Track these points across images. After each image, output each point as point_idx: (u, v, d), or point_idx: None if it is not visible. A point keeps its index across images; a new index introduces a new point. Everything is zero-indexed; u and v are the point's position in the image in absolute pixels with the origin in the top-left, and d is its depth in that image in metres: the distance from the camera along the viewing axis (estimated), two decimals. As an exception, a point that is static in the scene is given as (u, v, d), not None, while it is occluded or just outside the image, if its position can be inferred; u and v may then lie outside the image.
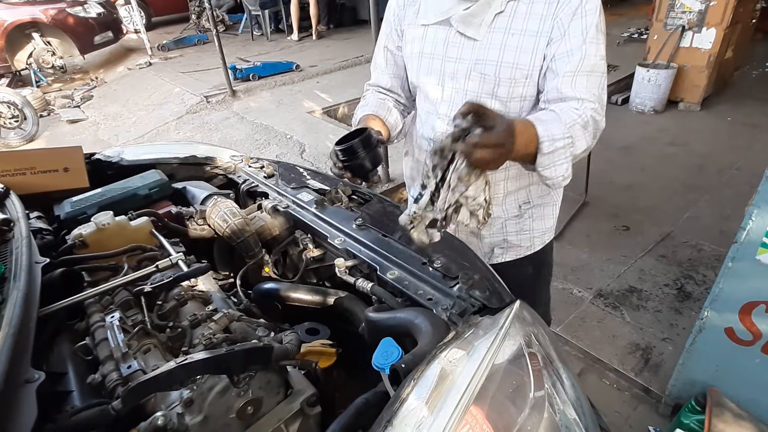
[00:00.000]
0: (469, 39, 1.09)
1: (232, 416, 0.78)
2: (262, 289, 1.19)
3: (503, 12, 1.05)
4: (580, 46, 1.01)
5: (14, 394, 0.60)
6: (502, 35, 1.06)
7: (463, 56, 1.11)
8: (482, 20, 1.06)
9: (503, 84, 1.09)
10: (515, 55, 1.05)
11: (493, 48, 1.07)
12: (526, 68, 1.06)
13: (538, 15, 1.03)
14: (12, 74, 6.77)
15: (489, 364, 0.61)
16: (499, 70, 1.07)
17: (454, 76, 1.14)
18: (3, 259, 0.90)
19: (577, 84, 1.02)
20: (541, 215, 1.31)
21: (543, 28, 1.03)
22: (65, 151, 1.53)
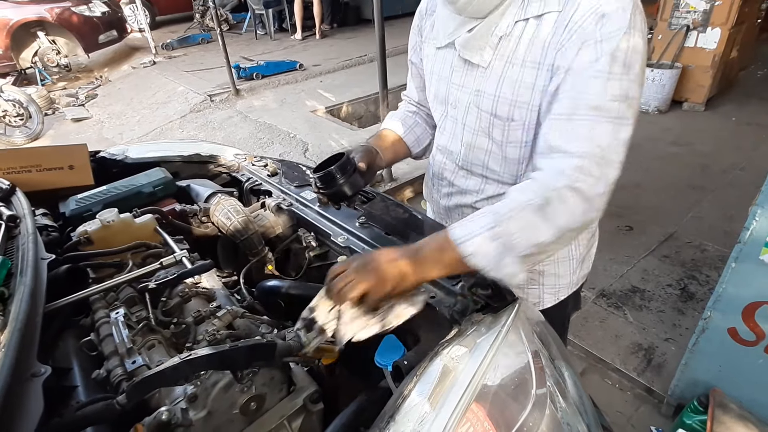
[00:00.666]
0: (474, 65, 0.92)
1: (235, 412, 0.79)
2: (266, 286, 1.19)
3: (509, 36, 0.85)
4: (584, 80, 0.76)
5: (21, 387, 0.61)
6: (503, 65, 0.87)
7: (466, 84, 0.95)
8: (486, 43, 0.87)
9: (498, 124, 0.92)
10: (514, 90, 0.86)
11: (492, 79, 0.89)
12: (525, 108, 0.86)
13: (541, 41, 0.80)
14: (17, 73, 6.80)
15: (491, 362, 0.62)
16: (495, 105, 0.90)
17: (456, 105, 1.00)
18: (10, 254, 0.90)
19: (570, 131, 0.77)
20: (554, 272, 1.10)
21: (545, 58, 0.80)
22: (70, 148, 1.54)
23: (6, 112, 4.95)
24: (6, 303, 0.77)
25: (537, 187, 0.78)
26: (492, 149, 0.97)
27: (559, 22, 0.77)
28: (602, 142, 0.75)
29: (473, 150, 1.00)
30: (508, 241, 0.76)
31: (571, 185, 0.75)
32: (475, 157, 1.01)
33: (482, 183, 1.05)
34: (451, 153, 1.07)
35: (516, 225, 0.76)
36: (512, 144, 0.93)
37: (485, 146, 0.98)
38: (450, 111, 1.03)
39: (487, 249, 0.77)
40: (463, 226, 0.80)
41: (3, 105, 4.89)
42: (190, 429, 0.74)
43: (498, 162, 0.98)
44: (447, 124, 1.06)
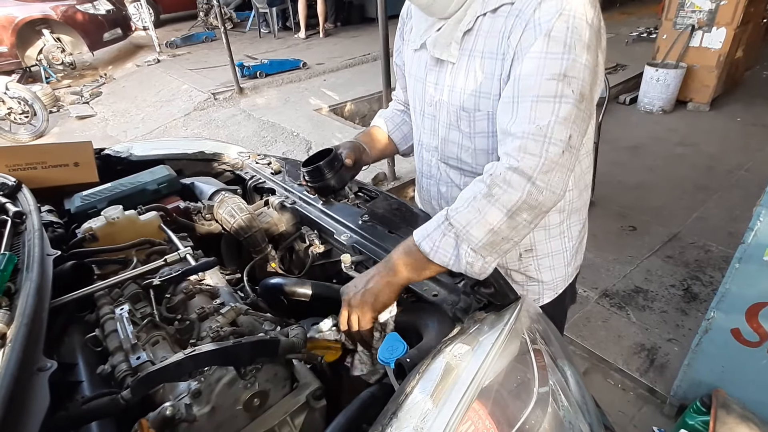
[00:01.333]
0: (444, 63, 0.97)
1: (239, 408, 0.79)
2: (269, 284, 1.20)
3: (471, 30, 0.90)
4: (524, 63, 0.80)
5: (28, 381, 0.62)
6: (467, 58, 0.91)
7: (439, 81, 1.00)
8: (452, 39, 0.92)
9: (464, 117, 0.96)
10: (477, 81, 0.90)
11: (459, 74, 0.94)
12: (489, 98, 0.90)
13: (497, 33, 0.85)
14: (22, 70, 6.83)
15: (493, 360, 0.62)
16: (463, 99, 0.94)
17: (431, 102, 1.04)
18: (16, 250, 0.91)
19: (514, 113, 0.80)
20: (549, 266, 1.12)
21: (500, 48, 0.85)
22: (75, 146, 1.55)
23: (11, 110, 4.97)
24: (12, 298, 0.78)
25: (485, 177, 0.82)
26: (463, 142, 1.01)
27: (511, 13, 0.82)
28: (542, 122, 0.77)
29: (447, 144, 1.05)
30: (462, 232, 0.79)
31: (512, 166, 0.78)
32: (450, 150, 1.05)
33: (462, 177, 1.08)
34: (433, 149, 1.11)
35: (466, 216, 0.79)
36: (480, 135, 0.97)
37: (457, 140, 1.02)
38: (427, 109, 1.07)
39: (444, 244, 0.81)
40: (423, 227, 0.86)
41: (8, 102, 4.92)
42: (193, 424, 0.75)
43: (470, 154, 1.02)
44: (425, 123, 1.10)
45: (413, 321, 0.88)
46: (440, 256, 0.82)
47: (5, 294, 0.78)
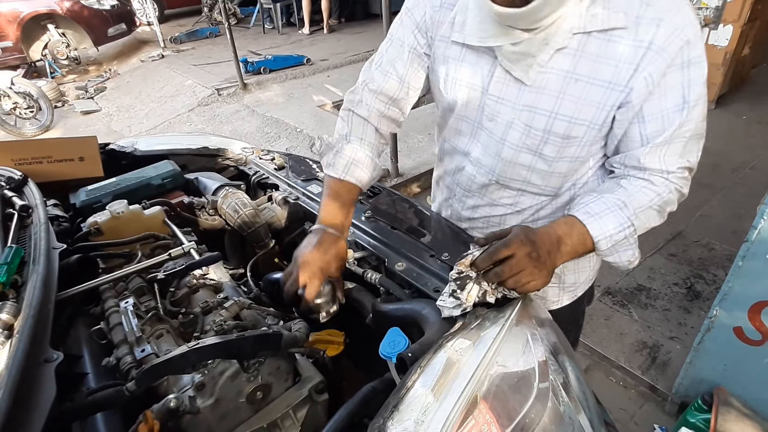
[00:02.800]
0: (517, 79, 0.86)
1: (242, 400, 0.80)
2: (272, 278, 1.20)
3: (566, 48, 0.79)
4: (679, 109, 0.78)
5: (35, 372, 0.63)
6: (562, 80, 0.81)
7: (508, 98, 0.88)
8: (535, 60, 0.81)
9: (553, 142, 0.88)
10: (576, 107, 0.82)
11: (547, 94, 0.84)
12: (585, 125, 0.84)
13: (614, 59, 0.77)
14: (27, 65, 6.86)
15: (495, 354, 0.62)
16: (551, 123, 0.85)
17: (493, 117, 0.92)
18: (22, 243, 0.92)
19: (668, 154, 0.83)
20: (574, 268, 1.10)
21: (619, 78, 0.78)
22: (81, 140, 1.56)
23: (17, 105, 5.00)
24: (20, 290, 0.79)
25: (656, 191, 0.86)
26: (536, 165, 0.93)
27: (637, 42, 0.75)
28: (693, 158, 0.85)
29: (513, 166, 0.95)
30: (634, 234, 0.85)
31: (677, 189, 0.87)
32: (515, 172, 0.96)
33: (517, 196, 1.02)
34: (484, 166, 1.00)
35: (640, 221, 0.85)
36: (564, 160, 0.91)
37: (528, 162, 0.93)
38: (485, 123, 0.95)
39: (622, 246, 0.85)
40: (600, 223, 0.83)
41: (14, 97, 4.94)
42: (197, 416, 0.76)
43: (541, 177, 0.95)
44: (480, 136, 0.98)
45: (415, 316, 0.88)
46: (607, 251, 0.85)
47: (12, 286, 0.79)
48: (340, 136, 1.05)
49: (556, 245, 0.82)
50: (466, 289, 0.78)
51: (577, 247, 0.84)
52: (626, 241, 0.85)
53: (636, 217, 0.84)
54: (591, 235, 0.83)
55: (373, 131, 1.05)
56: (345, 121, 1.06)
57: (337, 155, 1.02)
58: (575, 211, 0.86)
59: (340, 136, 1.05)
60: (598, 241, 0.83)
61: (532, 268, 0.77)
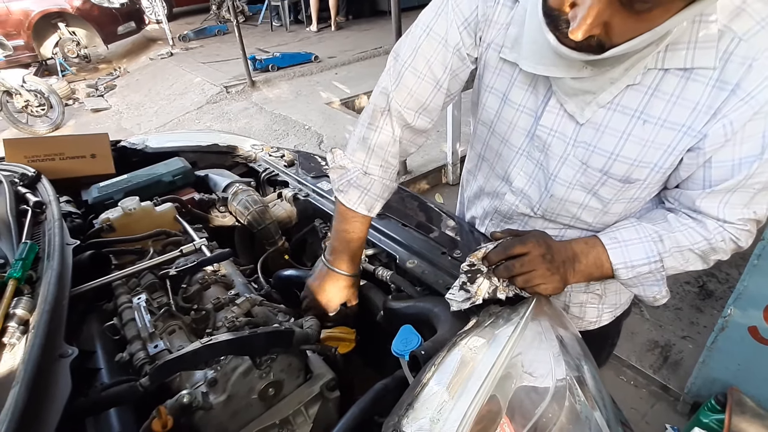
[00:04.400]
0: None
1: (254, 397, 0.80)
2: (282, 275, 1.21)
3: (637, 85, 0.69)
4: (753, 159, 0.68)
5: (50, 367, 0.63)
6: (628, 120, 0.71)
7: (562, 131, 0.78)
8: (594, 98, 0.72)
9: (611, 184, 0.78)
10: (641, 150, 0.72)
11: (609, 134, 0.74)
12: (649, 168, 0.74)
13: (692, 101, 0.67)
14: (39, 63, 6.94)
15: (510, 353, 0.62)
16: (611, 164, 0.75)
17: (543, 149, 0.82)
18: (36, 239, 0.93)
19: (729, 202, 0.74)
20: (615, 290, 1.02)
21: (695, 122, 0.68)
22: (92, 137, 1.57)
23: (28, 102, 5.05)
24: (35, 286, 0.79)
25: (705, 235, 0.78)
26: (590, 204, 0.83)
27: (721, 84, 0.65)
28: (761, 210, 0.75)
29: (563, 203, 0.86)
30: (662, 270, 0.79)
31: (733, 240, 0.78)
32: (564, 209, 0.87)
33: (563, 231, 0.93)
34: (528, 198, 0.90)
35: (675, 261, 0.79)
36: (621, 201, 0.82)
37: (581, 200, 0.84)
38: (534, 154, 0.84)
39: (646, 280, 0.80)
40: (624, 251, 0.78)
41: (25, 95, 4.99)
42: (210, 412, 0.76)
43: (593, 215, 0.86)
44: (526, 166, 0.87)
45: (427, 313, 0.88)
46: (629, 281, 0.80)
47: (27, 282, 0.79)
48: (355, 160, 0.93)
49: (572, 260, 0.79)
50: (476, 282, 0.77)
51: (592, 270, 0.80)
52: (651, 276, 0.79)
53: (670, 255, 0.78)
54: (611, 261, 0.78)
55: (394, 150, 0.93)
56: (363, 139, 0.93)
57: (351, 185, 0.93)
58: (603, 233, 0.81)
59: (356, 161, 0.93)
60: (618, 269, 0.78)
61: (545, 270, 0.74)
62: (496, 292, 0.77)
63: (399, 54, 0.89)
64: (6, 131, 5.15)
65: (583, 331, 1.05)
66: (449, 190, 3.63)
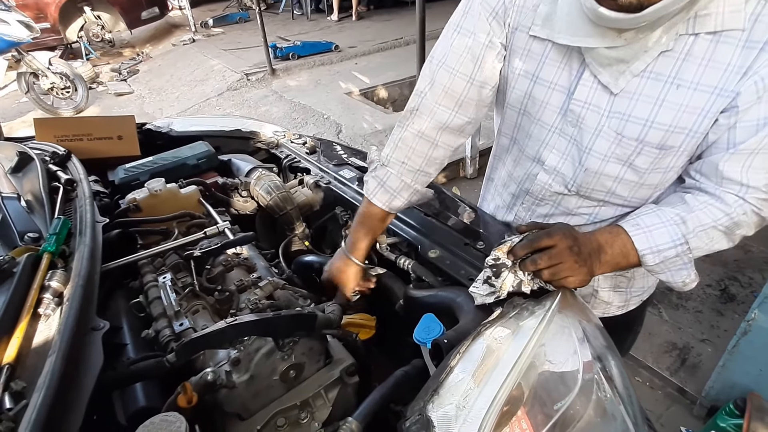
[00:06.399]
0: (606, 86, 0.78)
1: (275, 378, 0.81)
2: (303, 261, 1.22)
3: (671, 51, 0.71)
4: None
5: (83, 339, 0.65)
6: (662, 85, 0.73)
7: (596, 103, 0.79)
8: (627, 67, 0.74)
9: (647, 152, 0.79)
10: (676, 115, 0.73)
11: (643, 102, 0.75)
12: (685, 133, 0.75)
13: (723, 63, 0.69)
14: (64, 47, 7.04)
15: (536, 344, 0.61)
16: (646, 132, 0.76)
17: (577, 123, 0.82)
18: (68, 215, 0.95)
19: (752, 165, 0.73)
20: (643, 273, 1.01)
21: (726, 84, 0.69)
22: (119, 119, 1.60)
23: (54, 85, 5.14)
24: (67, 260, 0.81)
25: (725, 210, 0.77)
26: (625, 176, 0.84)
27: (750, 44, 0.67)
28: None
29: (598, 177, 0.86)
30: (688, 253, 0.78)
31: (756, 212, 0.77)
32: (600, 183, 0.87)
33: (598, 208, 0.92)
34: (562, 176, 0.90)
35: (700, 241, 0.78)
36: (657, 171, 0.82)
37: (616, 173, 0.84)
38: (567, 129, 0.85)
39: (673, 264, 0.79)
40: (648, 237, 0.77)
41: (51, 77, 5.08)
42: (233, 390, 0.77)
43: (629, 188, 0.86)
44: (558, 143, 0.88)
45: (449, 303, 0.88)
46: (655, 267, 0.79)
47: (60, 256, 0.81)
48: (381, 154, 0.98)
49: (597, 252, 0.78)
50: (501, 276, 0.77)
51: (618, 259, 0.79)
52: (679, 260, 0.78)
53: (694, 236, 0.77)
54: (636, 249, 0.78)
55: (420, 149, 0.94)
56: (393, 137, 0.97)
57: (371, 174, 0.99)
58: (624, 221, 0.81)
59: (382, 154, 0.98)
60: (644, 255, 0.77)
61: (573, 262, 0.74)
62: (521, 285, 0.76)
63: (433, 56, 0.92)
64: (32, 112, 5.26)
65: (610, 317, 1.06)
66: (467, 183, 3.61)
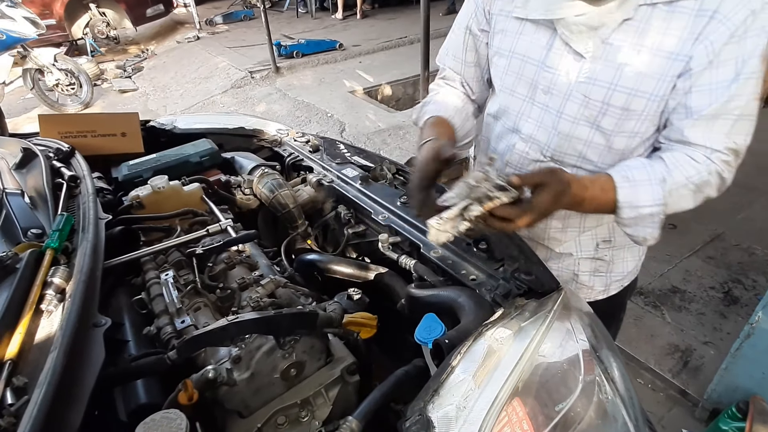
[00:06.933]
0: (576, 52, 0.86)
1: (276, 376, 0.81)
2: (305, 259, 1.22)
3: (632, 20, 0.79)
4: (730, 81, 0.76)
5: (85, 335, 0.65)
6: (624, 51, 0.81)
7: (566, 69, 0.87)
8: (596, 33, 0.82)
9: (612, 114, 0.86)
10: (637, 79, 0.81)
11: (608, 66, 0.83)
12: (646, 97, 0.82)
13: (678, 30, 0.77)
14: (70, 43, 7.06)
15: (537, 346, 0.61)
16: (610, 95, 0.84)
17: (548, 90, 0.91)
18: (71, 212, 0.95)
19: (714, 130, 0.80)
20: (622, 257, 1.08)
21: (682, 48, 0.77)
22: (123, 116, 1.60)
23: (59, 81, 5.16)
24: (70, 257, 0.81)
25: (697, 167, 0.82)
26: (594, 139, 0.90)
27: (701, 12, 0.74)
28: (739, 139, 0.81)
29: (569, 140, 0.92)
30: (660, 213, 0.83)
31: (719, 173, 0.83)
32: (571, 147, 0.93)
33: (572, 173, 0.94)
34: (537, 142, 0.97)
35: (672, 200, 0.83)
36: (622, 134, 0.88)
37: (585, 136, 0.90)
38: (539, 97, 0.93)
39: (641, 214, 0.83)
40: (633, 190, 0.81)
41: (56, 74, 5.10)
42: (233, 388, 0.77)
43: (598, 152, 0.92)
44: (533, 112, 0.96)
45: (450, 303, 0.88)
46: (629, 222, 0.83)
47: (63, 252, 0.81)
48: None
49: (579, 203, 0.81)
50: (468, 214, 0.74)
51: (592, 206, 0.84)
52: (651, 219, 0.83)
53: (670, 195, 0.82)
54: (617, 200, 0.82)
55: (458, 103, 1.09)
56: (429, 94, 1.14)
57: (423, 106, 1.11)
58: (617, 170, 0.84)
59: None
60: (622, 208, 0.82)
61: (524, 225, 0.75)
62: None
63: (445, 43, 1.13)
64: (37, 109, 5.28)
65: (593, 303, 1.07)
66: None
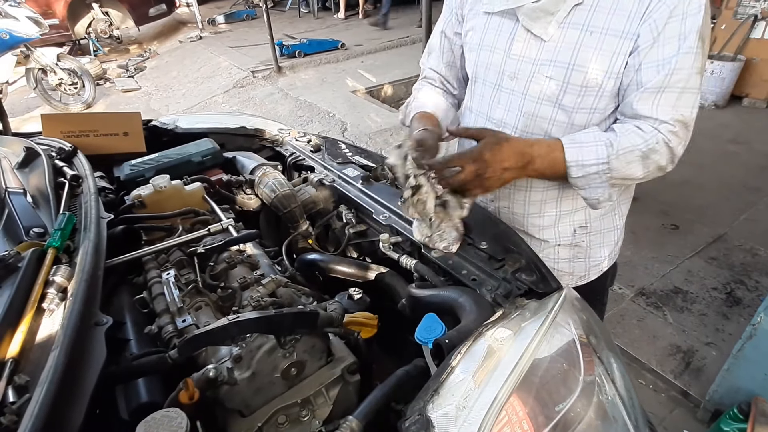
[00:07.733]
0: (537, 36, 0.94)
1: (277, 375, 0.81)
2: (306, 259, 1.22)
3: (582, 4, 0.88)
4: (672, 55, 0.84)
5: (86, 334, 0.65)
6: (578, 33, 0.90)
7: (528, 54, 0.96)
8: (553, 18, 0.90)
9: (571, 91, 0.94)
10: (591, 57, 0.89)
11: (565, 48, 0.91)
12: (601, 75, 0.90)
13: (625, 11, 0.86)
14: (72, 43, 7.09)
15: (538, 346, 0.61)
16: (569, 74, 0.92)
17: (514, 76, 0.99)
18: (73, 211, 0.96)
19: (660, 103, 0.87)
20: (599, 243, 1.15)
21: (630, 28, 0.86)
22: (125, 116, 1.61)
23: (62, 80, 5.17)
24: (72, 256, 0.82)
25: (643, 136, 0.89)
26: (557, 117, 0.98)
27: None
28: (686, 111, 0.88)
29: (535, 119, 1.00)
30: (608, 172, 0.90)
31: (667, 142, 0.90)
32: (537, 126, 1.01)
33: None
34: (507, 125, 1.04)
35: (619, 162, 0.90)
36: (582, 110, 0.96)
37: (549, 115, 0.98)
38: (506, 83, 1.01)
39: (589, 173, 0.90)
40: (579, 150, 0.90)
41: (59, 73, 5.11)
42: (234, 387, 0.77)
43: (562, 130, 0.98)
44: (501, 97, 1.04)
45: (451, 303, 0.88)
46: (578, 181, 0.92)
47: (65, 251, 0.82)
48: None
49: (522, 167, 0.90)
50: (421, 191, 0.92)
51: (545, 171, 0.92)
52: (598, 177, 0.90)
53: (616, 158, 0.89)
54: (566, 160, 0.90)
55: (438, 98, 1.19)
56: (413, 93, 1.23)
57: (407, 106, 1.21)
58: (566, 136, 0.93)
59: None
60: (570, 167, 0.90)
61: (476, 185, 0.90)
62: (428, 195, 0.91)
63: None
64: (39, 108, 5.30)
65: (578, 287, 1.16)
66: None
